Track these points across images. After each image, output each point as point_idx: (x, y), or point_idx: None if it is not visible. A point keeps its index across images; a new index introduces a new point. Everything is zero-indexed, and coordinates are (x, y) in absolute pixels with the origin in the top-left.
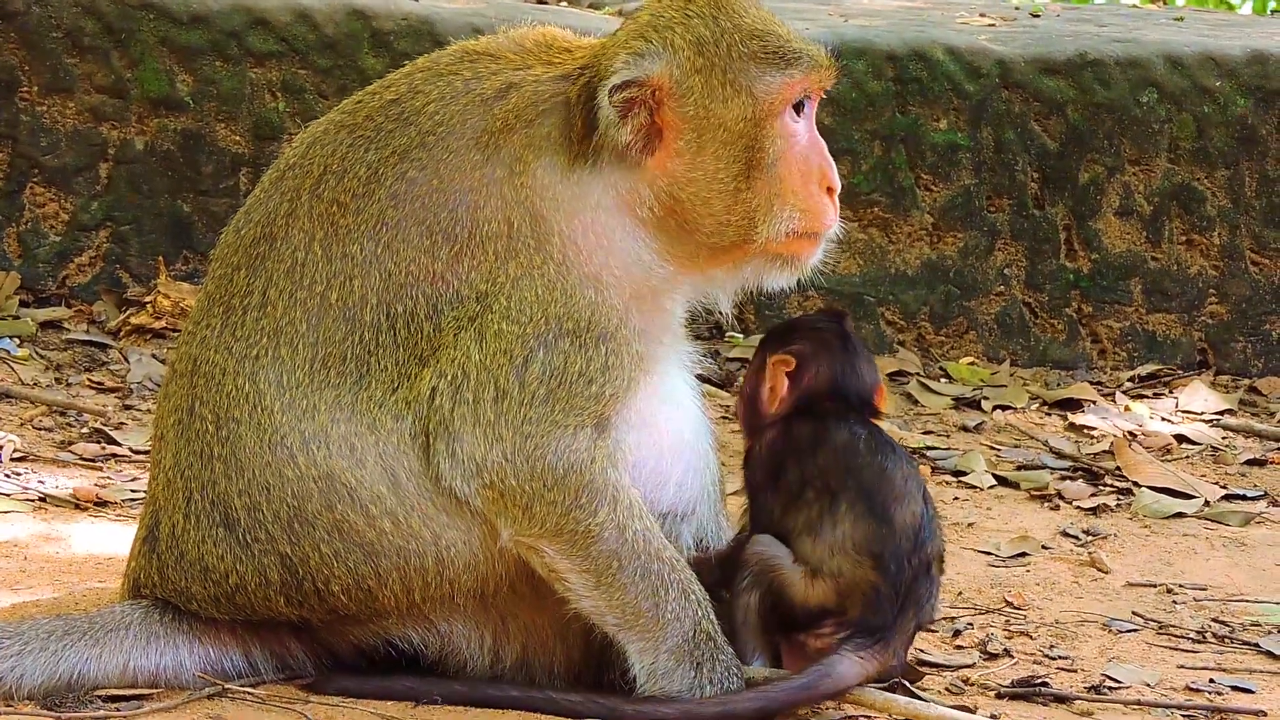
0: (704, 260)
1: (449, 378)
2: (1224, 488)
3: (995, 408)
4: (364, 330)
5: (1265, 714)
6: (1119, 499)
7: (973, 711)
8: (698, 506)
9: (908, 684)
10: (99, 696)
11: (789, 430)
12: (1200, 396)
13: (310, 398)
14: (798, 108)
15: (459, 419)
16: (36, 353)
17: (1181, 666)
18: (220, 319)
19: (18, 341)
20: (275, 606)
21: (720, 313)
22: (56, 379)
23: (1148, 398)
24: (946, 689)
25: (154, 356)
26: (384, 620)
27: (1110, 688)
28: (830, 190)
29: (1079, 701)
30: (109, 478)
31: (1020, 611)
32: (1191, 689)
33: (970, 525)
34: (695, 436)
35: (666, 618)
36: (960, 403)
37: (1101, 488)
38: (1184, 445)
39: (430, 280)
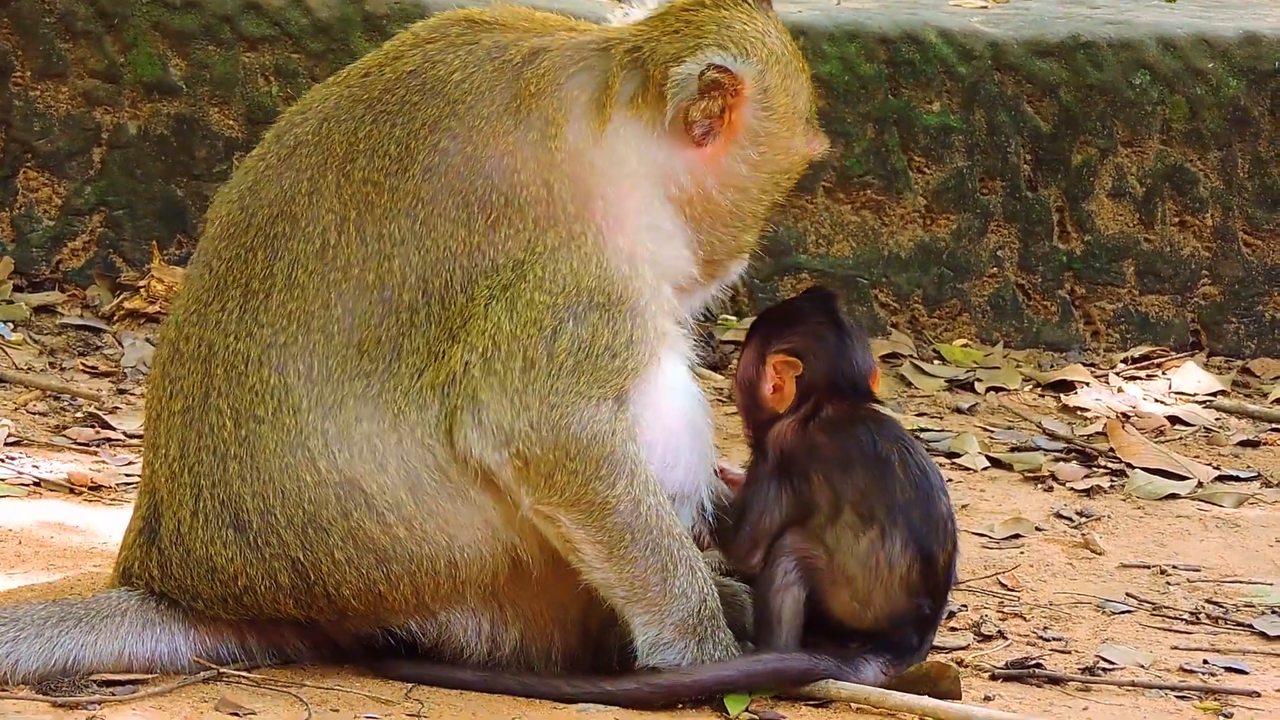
0: (695, 262)
1: (479, 350)
2: (1217, 469)
3: (988, 389)
4: (400, 310)
5: (1259, 694)
6: (1112, 480)
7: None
8: (700, 489)
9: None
10: (94, 681)
11: (807, 436)
12: (1193, 378)
13: (339, 390)
14: None
15: (487, 389)
16: (30, 337)
17: (1175, 648)
18: (238, 301)
19: (11, 326)
20: (284, 608)
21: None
22: (50, 364)
23: (1141, 379)
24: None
25: (148, 340)
26: (389, 616)
27: (1104, 669)
28: None
29: (1073, 683)
30: (103, 462)
31: (1014, 593)
32: (1185, 670)
33: (964, 507)
34: (700, 420)
35: (674, 592)
36: (953, 384)
37: (1095, 469)
38: (1177, 426)
39: (467, 252)
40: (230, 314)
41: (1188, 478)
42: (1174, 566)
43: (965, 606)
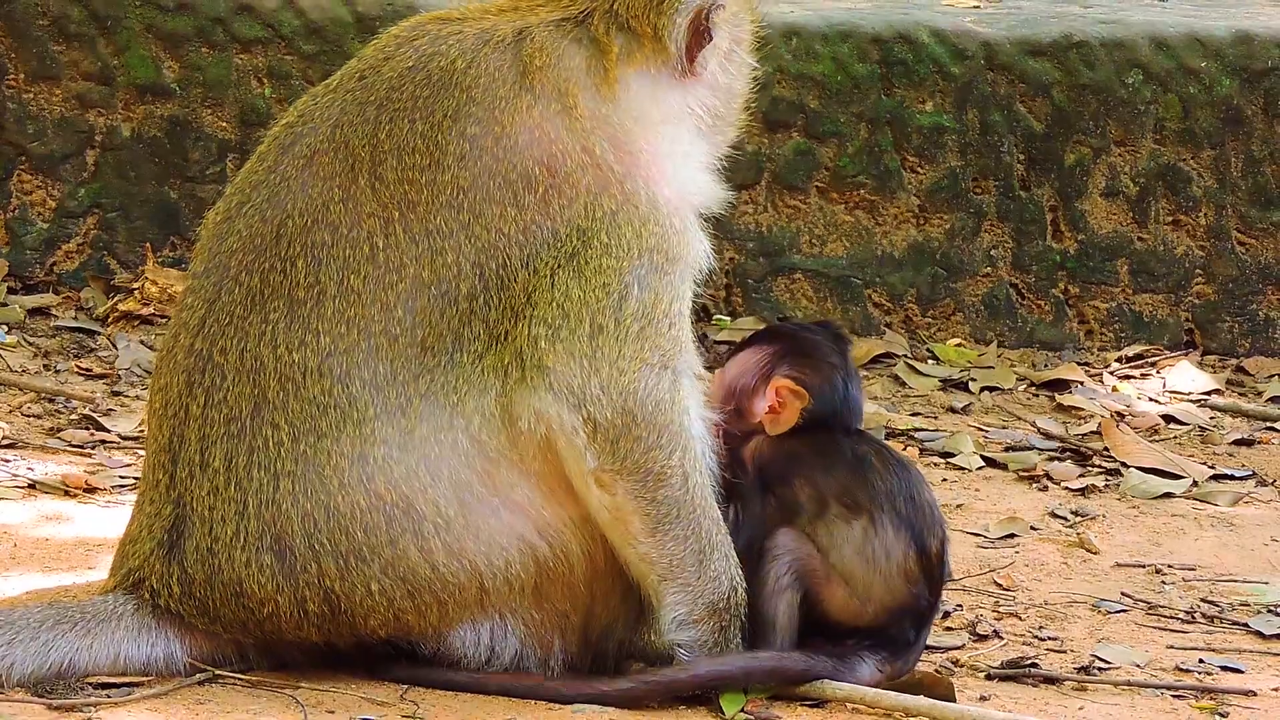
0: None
1: (546, 321)
2: (1212, 468)
3: (983, 389)
4: (459, 300)
5: (1255, 694)
6: (1107, 479)
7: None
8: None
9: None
10: (89, 684)
11: (783, 445)
12: (1188, 376)
13: (404, 392)
14: None
15: (554, 355)
16: (25, 340)
17: (1171, 647)
18: (283, 313)
19: (6, 329)
20: (304, 634)
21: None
22: (45, 366)
23: (1135, 378)
24: (936, 670)
25: (142, 343)
26: (402, 637)
27: (1100, 668)
28: None
29: (1068, 682)
30: (98, 464)
31: (1009, 592)
32: (1181, 669)
33: (959, 506)
34: (706, 415)
35: (708, 575)
36: (948, 384)
37: (1089, 468)
38: (1172, 425)
39: (521, 229)
40: (276, 326)
41: (1182, 477)
42: (1169, 565)
43: (960, 606)
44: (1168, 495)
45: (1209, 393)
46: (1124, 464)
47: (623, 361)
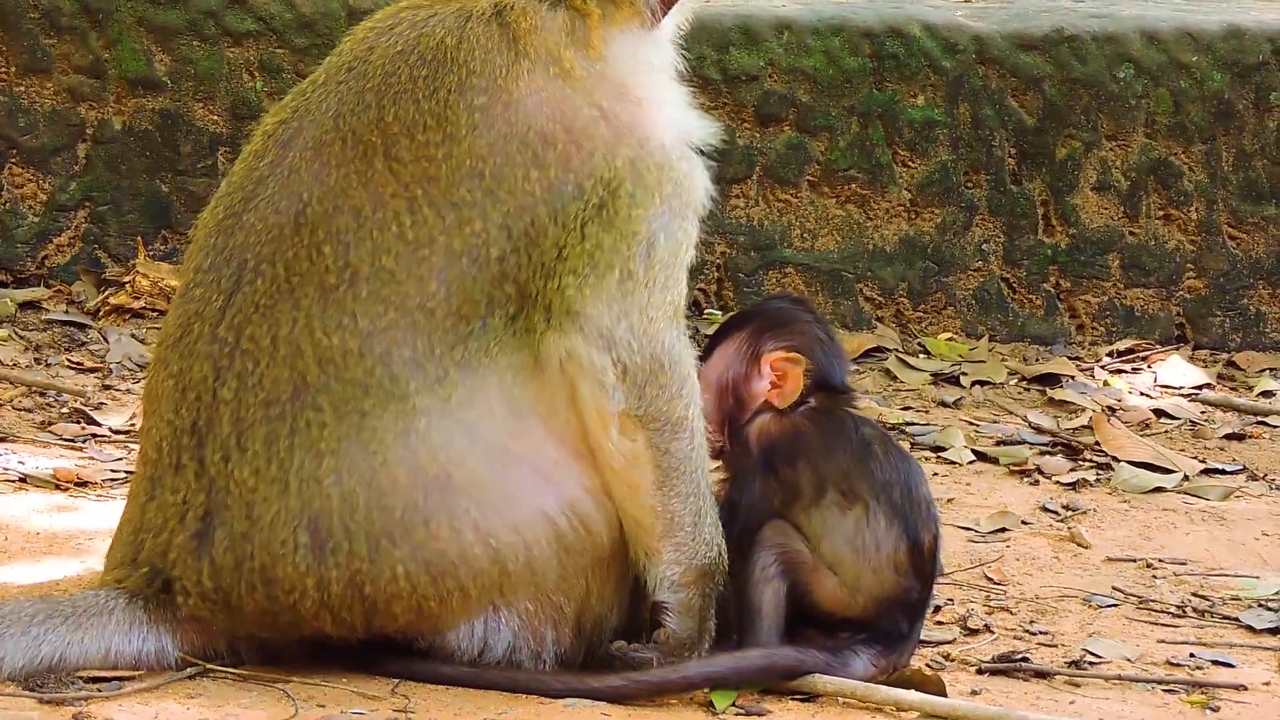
0: None
1: (577, 271)
2: (1203, 462)
3: (974, 383)
4: (490, 264)
5: (1245, 687)
6: (1098, 474)
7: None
8: None
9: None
10: (80, 678)
11: (791, 424)
12: (1179, 371)
13: (443, 363)
14: None
15: (583, 301)
16: (16, 333)
17: (1162, 641)
18: (314, 298)
19: None
20: (321, 624)
21: None
22: (36, 359)
23: (1126, 372)
24: (927, 664)
25: (133, 336)
26: (414, 629)
27: (1090, 663)
28: None
29: (1059, 676)
30: (90, 457)
31: (1000, 587)
32: (1172, 663)
33: (950, 501)
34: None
35: (702, 539)
36: (939, 378)
37: (1080, 463)
38: (1163, 420)
39: (546, 186)
40: (309, 311)
41: (1173, 471)
42: (1160, 560)
43: (951, 601)
44: (1159, 490)
45: (1200, 387)
46: (1115, 458)
47: (651, 310)
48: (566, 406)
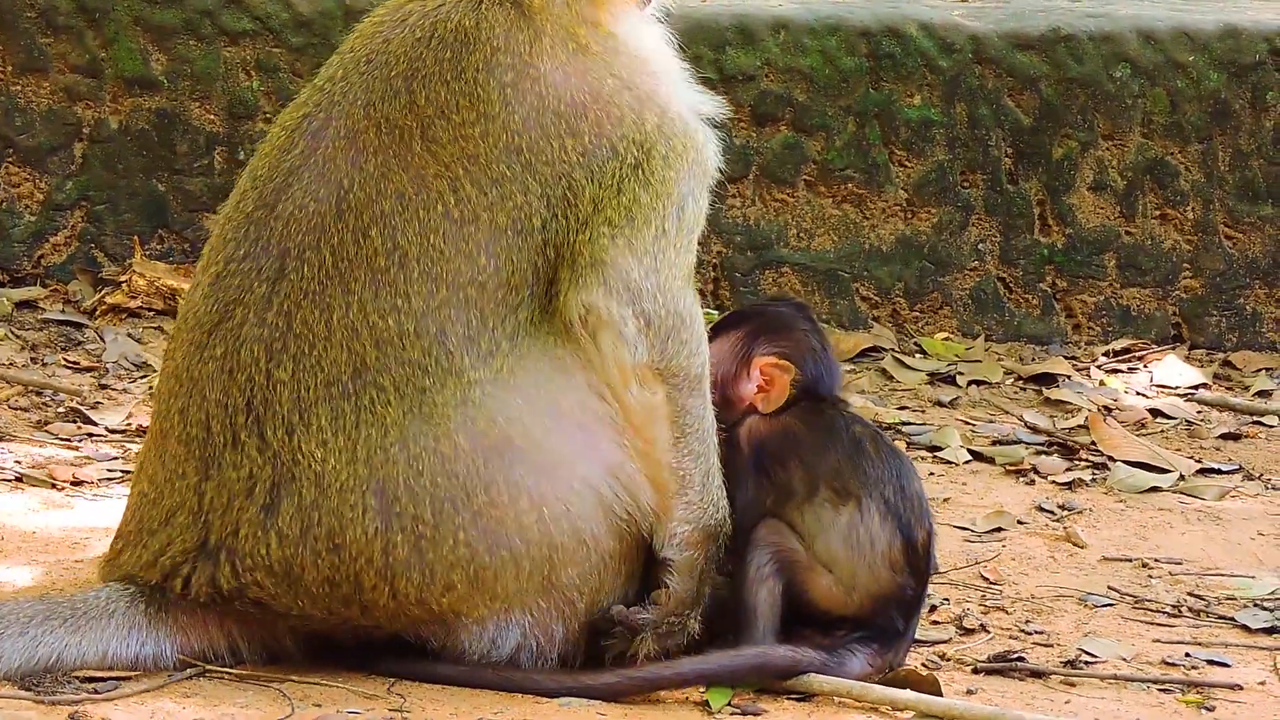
0: None
1: (612, 222)
2: (1199, 462)
3: (970, 383)
4: (533, 233)
5: (1241, 687)
6: (1094, 473)
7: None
8: None
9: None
10: (77, 678)
11: (781, 424)
12: (1175, 370)
13: (495, 335)
14: None
15: (614, 249)
16: (12, 333)
17: (1157, 641)
18: (365, 282)
19: None
20: (376, 596)
21: None
22: (32, 359)
23: (1122, 372)
24: (923, 664)
25: (129, 336)
26: (448, 614)
27: (1086, 662)
28: None
29: (1055, 676)
30: (86, 457)
31: (996, 586)
32: (1167, 663)
33: (945, 500)
34: None
35: (709, 500)
36: (935, 378)
37: (1076, 462)
38: (1158, 419)
39: (581, 151)
40: (361, 295)
41: (1169, 471)
42: (1156, 559)
43: (947, 600)
44: (1154, 489)
45: (1196, 387)
46: (1111, 458)
47: (675, 269)
48: (599, 355)
